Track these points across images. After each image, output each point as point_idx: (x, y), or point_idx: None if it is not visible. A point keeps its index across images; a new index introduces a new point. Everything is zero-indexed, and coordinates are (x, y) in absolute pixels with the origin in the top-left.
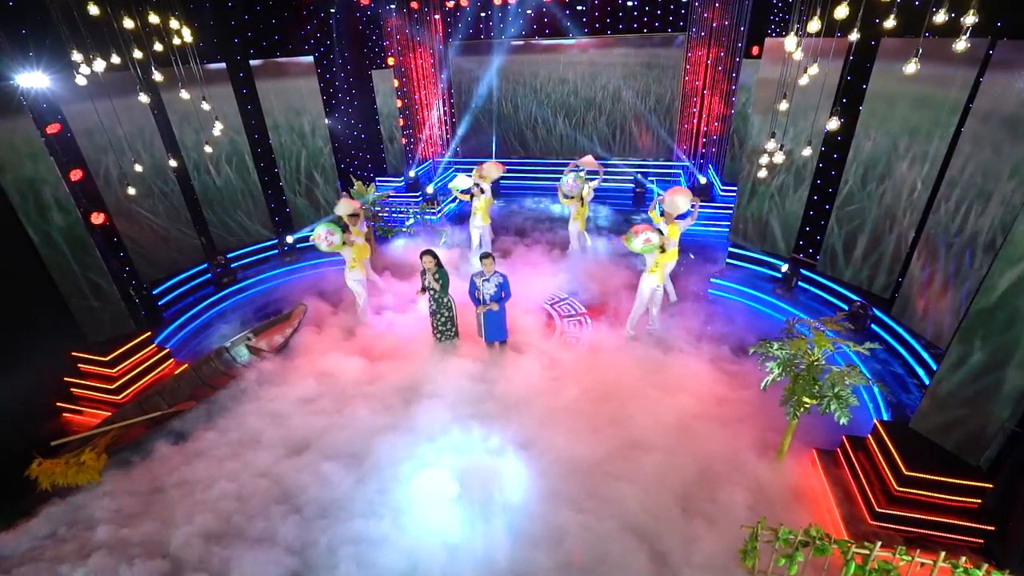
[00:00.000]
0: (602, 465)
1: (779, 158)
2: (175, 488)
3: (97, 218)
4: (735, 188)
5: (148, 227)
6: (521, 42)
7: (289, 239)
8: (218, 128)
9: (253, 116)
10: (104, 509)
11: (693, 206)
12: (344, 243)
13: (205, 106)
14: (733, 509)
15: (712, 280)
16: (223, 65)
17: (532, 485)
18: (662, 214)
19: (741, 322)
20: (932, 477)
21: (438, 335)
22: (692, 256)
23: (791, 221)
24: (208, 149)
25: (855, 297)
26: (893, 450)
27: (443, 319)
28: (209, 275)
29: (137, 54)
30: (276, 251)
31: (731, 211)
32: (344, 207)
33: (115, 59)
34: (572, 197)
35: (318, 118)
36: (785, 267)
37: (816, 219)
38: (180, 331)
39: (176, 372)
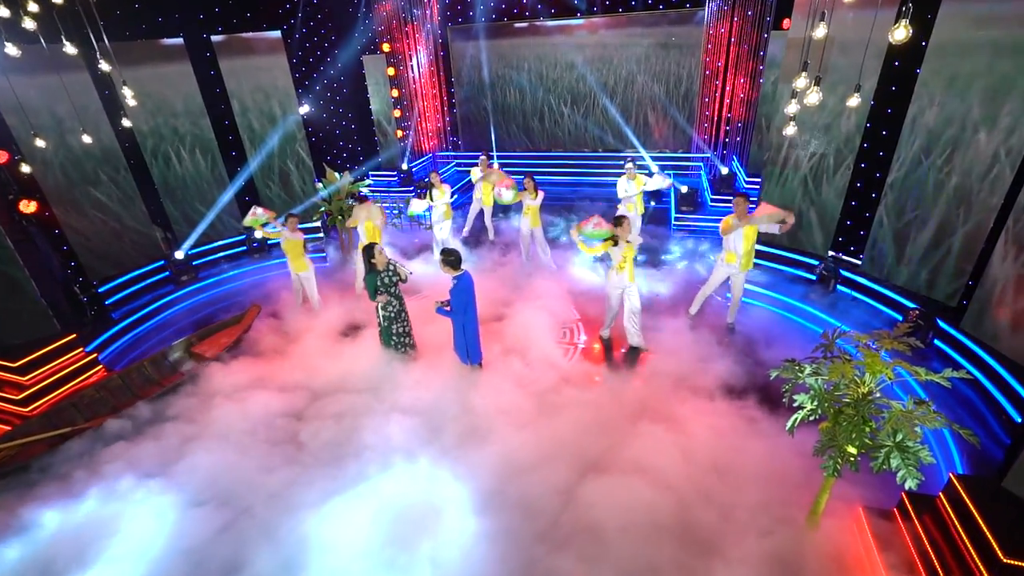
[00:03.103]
0: (573, 540)
1: (813, 98)
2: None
3: (27, 206)
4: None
5: (97, 218)
6: (525, 24)
7: (258, 235)
8: (129, 95)
9: (219, 99)
10: None
11: None
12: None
13: (104, 66)
14: None
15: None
16: (180, 40)
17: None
18: None
19: (764, 336)
20: None
21: (397, 343)
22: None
23: (829, 211)
24: (126, 123)
25: (910, 304)
26: (980, 521)
27: (405, 323)
28: (167, 273)
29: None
30: (244, 247)
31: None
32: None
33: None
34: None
35: (287, 100)
36: (820, 267)
37: (860, 209)
38: (128, 333)
39: (101, 380)
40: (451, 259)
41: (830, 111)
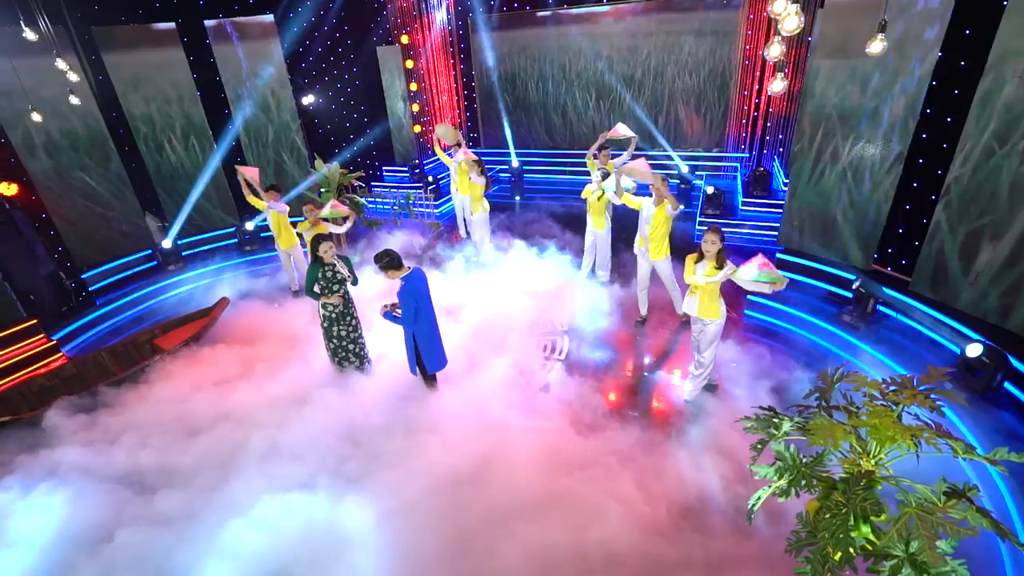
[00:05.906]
0: None
1: (792, 23)
2: None
3: (8, 188)
4: None
5: (83, 205)
6: (548, 12)
7: (249, 225)
8: (63, 66)
9: (214, 86)
10: None
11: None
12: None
13: (30, 36)
14: None
15: (750, 298)
16: (172, 25)
17: None
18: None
19: (788, 365)
20: None
21: (337, 347)
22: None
23: (873, 215)
24: (75, 100)
25: (974, 335)
26: None
27: (351, 327)
28: (155, 262)
29: None
30: (236, 239)
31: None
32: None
33: None
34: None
35: (281, 88)
36: (858, 283)
37: (914, 214)
38: (107, 320)
39: (54, 369)
40: (386, 260)
41: (874, 92)
